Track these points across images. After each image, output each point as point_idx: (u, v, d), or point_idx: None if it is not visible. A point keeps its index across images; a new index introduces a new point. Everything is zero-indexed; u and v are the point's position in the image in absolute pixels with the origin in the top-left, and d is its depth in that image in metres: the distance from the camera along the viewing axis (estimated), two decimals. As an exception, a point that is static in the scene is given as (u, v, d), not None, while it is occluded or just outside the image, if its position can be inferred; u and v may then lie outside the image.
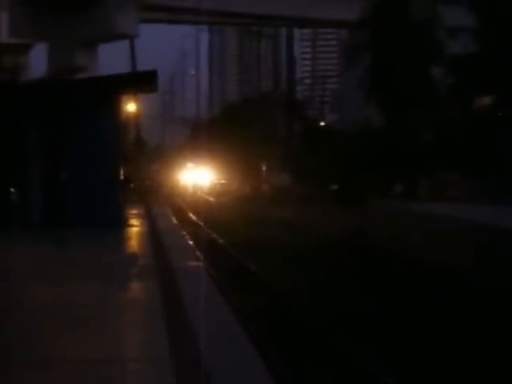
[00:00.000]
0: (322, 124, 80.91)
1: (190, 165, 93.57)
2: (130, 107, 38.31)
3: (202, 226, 35.33)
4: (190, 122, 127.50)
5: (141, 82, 24.54)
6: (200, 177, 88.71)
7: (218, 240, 30.35)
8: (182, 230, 21.67)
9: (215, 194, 77.04)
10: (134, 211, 27.66)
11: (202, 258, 14.62)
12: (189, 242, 17.20)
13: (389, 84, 42.80)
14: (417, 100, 41.88)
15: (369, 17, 43.97)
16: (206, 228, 34.48)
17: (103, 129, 21.62)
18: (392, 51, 42.20)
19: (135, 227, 22.06)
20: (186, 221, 36.59)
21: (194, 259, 12.91)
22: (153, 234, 19.35)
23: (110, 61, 71.77)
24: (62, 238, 17.31)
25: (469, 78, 40.41)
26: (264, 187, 73.85)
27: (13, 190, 22.09)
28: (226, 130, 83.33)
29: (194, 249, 15.52)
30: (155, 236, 18.21)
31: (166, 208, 35.16)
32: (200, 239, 24.25)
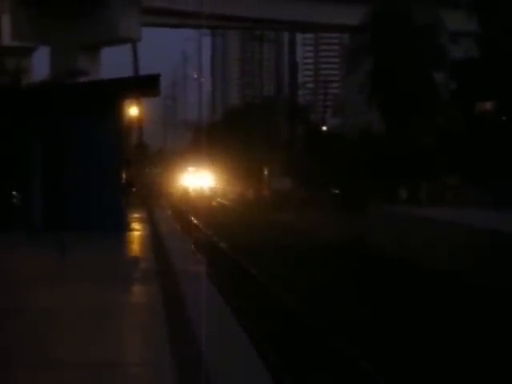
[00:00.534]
0: (324, 128, 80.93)
1: (192, 169, 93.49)
2: (133, 111, 38.32)
3: (204, 229, 35.34)
4: (192, 125, 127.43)
5: (143, 86, 24.57)
6: (202, 181, 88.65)
7: (220, 244, 30.36)
8: (183, 233, 21.70)
9: (217, 198, 77.06)
10: (136, 215, 27.69)
11: (203, 261, 14.66)
12: (190, 245, 17.25)
13: (390, 88, 42.82)
14: (418, 105, 41.90)
15: (371, 21, 44.00)
16: (207, 232, 34.48)
17: (105, 133, 21.63)
18: (394, 56, 42.22)
19: (137, 231, 22.05)
20: (187, 224, 36.59)
21: (196, 263, 12.96)
22: (155, 237, 19.38)
23: (112, 65, 71.92)
24: (63, 242, 17.32)
25: (470, 83, 40.47)
26: (266, 191, 73.81)
27: (15, 194, 22.13)
28: (228, 134, 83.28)
29: (196, 252, 15.57)
30: (157, 240, 18.25)
31: (168, 212, 35.20)
32: (201, 243, 24.26)
